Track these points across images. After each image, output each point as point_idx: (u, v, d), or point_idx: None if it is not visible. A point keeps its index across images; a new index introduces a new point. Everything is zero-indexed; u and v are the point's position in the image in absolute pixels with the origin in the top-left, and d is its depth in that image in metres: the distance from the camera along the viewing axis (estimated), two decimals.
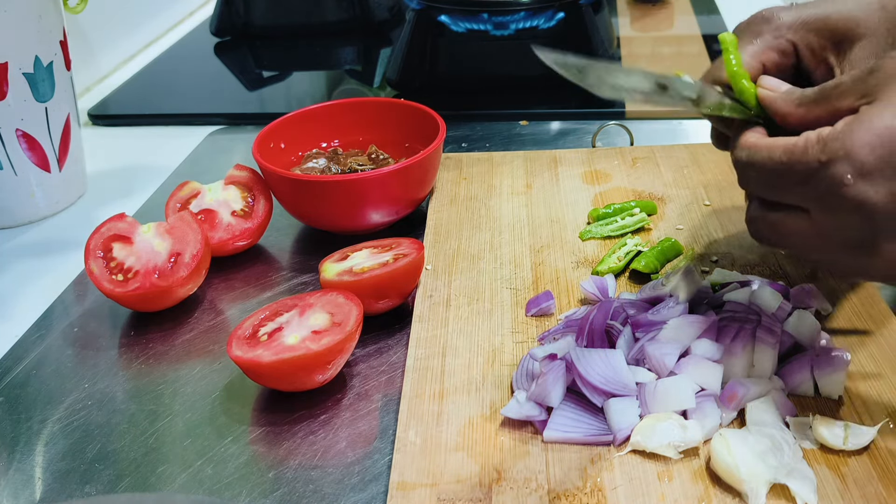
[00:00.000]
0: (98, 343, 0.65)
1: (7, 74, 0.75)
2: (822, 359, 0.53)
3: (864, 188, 0.42)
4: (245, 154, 0.89)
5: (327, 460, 0.53)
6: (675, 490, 0.47)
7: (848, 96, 0.45)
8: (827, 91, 0.47)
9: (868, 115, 0.43)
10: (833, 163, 0.43)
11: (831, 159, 0.43)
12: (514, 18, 1.00)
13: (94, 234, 0.67)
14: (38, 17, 0.77)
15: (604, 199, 0.77)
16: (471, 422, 0.53)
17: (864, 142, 0.42)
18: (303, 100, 1.11)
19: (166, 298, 0.66)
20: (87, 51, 1.15)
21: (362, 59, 1.24)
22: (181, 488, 0.51)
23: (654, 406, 0.51)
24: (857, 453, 0.49)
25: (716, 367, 0.53)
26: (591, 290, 0.63)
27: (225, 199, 0.73)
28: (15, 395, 0.60)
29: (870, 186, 0.42)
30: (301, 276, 0.71)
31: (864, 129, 0.43)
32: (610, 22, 1.14)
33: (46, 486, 0.52)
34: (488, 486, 0.48)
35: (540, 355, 0.55)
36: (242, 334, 0.57)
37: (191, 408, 0.58)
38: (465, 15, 1.00)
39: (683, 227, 0.72)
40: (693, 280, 0.60)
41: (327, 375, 0.57)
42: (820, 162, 0.43)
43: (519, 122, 0.96)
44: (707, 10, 1.30)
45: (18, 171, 0.80)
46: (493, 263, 0.68)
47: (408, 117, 0.80)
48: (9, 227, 0.82)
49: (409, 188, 0.73)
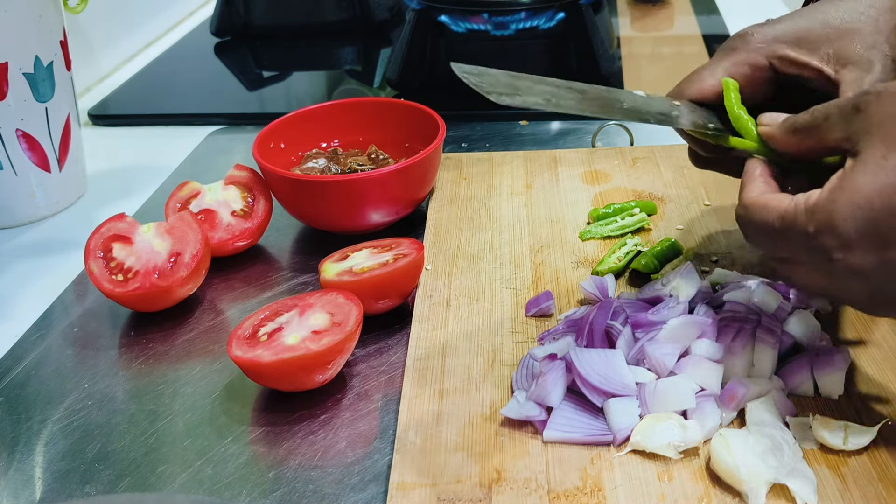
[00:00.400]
0: (98, 343, 0.65)
1: (7, 74, 0.75)
2: (822, 359, 0.53)
3: (852, 259, 0.43)
4: (245, 154, 0.89)
5: (327, 460, 0.53)
6: (675, 490, 0.47)
7: (834, 131, 0.46)
8: (817, 121, 0.47)
9: (849, 181, 0.43)
10: (820, 234, 0.44)
11: (818, 231, 0.44)
12: (514, 18, 1.00)
13: (94, 234, 0.67)
14: (38, 17, 0.77)
15: (604, 199, 0.77)
16: (471, 422, 0.53)
17: (846, 214, 0.43)
18: (303, 100, 1.11)
19: (166, 298, 0.66)
20: (88, 51, 1.15)
21: (362, 59, 1.24)
22: (181, 488, 0.51)
23: (654, 406, 0.51)
24: (857, 453, 0.49)
25: (716, 367, 0.53)
26: (591, 290, 0.63)
27: (225, 199, 0.73)
28: (15, 395, 0.60)
29: (857, 257, 0.43)
30: (301, 276, 0.71)
31: (845, 199, 0.43)
32: (610, 22, 1.14)
33: (46, 486, 0.52)
34: (488, 486, 0.48)
35: (540, 355, 0.55)
36: (242, 334, 0.57)
37: (191, 408, 0.58)
38: (465, 15, 1.00)
39: (683, 227, 0.72)
40: (693, 280, 0.60)
41: (327, 375, 0.57)
42: (808, 233, 0.44)
43: (519, 122, 0.96)
44: (707, 10, 1.30)
45: (18, 171, 0.80)
46: (493, 263, 0.68)
47: (408, 117, 0.80)
48: (9, 227, 0.82)
49: (409, 188, 0.73)
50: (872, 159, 0.43)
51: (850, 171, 0.43)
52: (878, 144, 0.43)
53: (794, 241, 0.45)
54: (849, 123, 0.45)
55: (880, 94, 0.44)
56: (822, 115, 0.46)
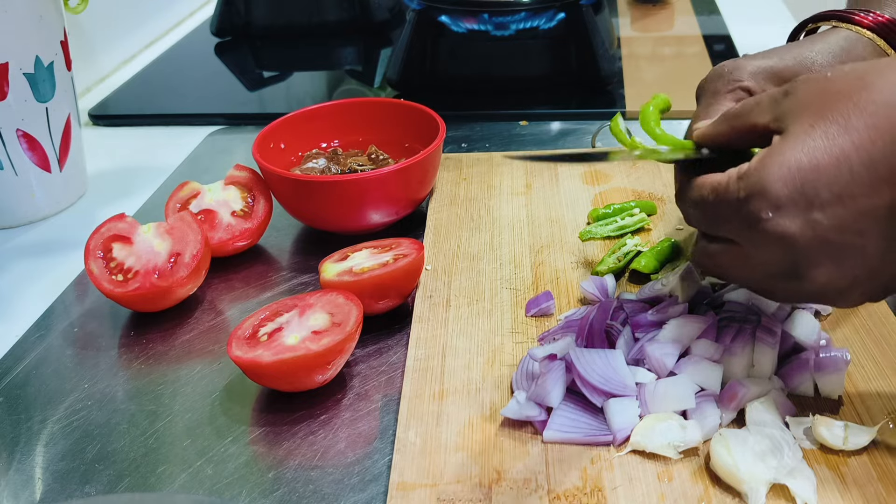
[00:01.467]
0: (98, 343, 0.65)
1: (7, 74, 0.75)
2: (822, 359, 0.53)
3: (781, 221, 0.44)
4: (245, 154, 0.89)
5: (327, 460, 0.53)
6: (674, 490, 0.47)
7: (764, 114, 0.47)
8: (748, 107, 0.49)
9: (780, 149, 0.45)
10: (751, 198, 0.45)
11: (749, 195, 0.45)
12: (514, 19, 1.00)
13: (94, 235, 0.67)
14: (38, 17, 0.77)
15: (604, 199, 0.77)
16: (471, 422, 0.53)
17: (777, 177, 0.44)
18: (303, 100, 1.11)
19: (166, 298, 0.66)
20: (88, 51, 1.15)
21: (362, 59, 1.24)
22: (181, 488, 0.51)
23: (654, 406, 0.51)
24: (857, 453, 0.49)
25: (716, 367, 0.53)
26: (591, 291, 0.63)
27: (225, 200, 0.73)
28: (15, 395, 0.60)
29: (786, 219, 0.44)
30: (301, 276, 0.71)
31: (776, 164, 0.44)
32: (610, 22, 1.14)
33: (46, 486, 0.52)
34: (488, 487, 0.48)
35: (540, 355, 0.55)
36: (242, 334, 0.57)
37: (191, 408, 0.58)
38: (465, 15, 1.00)
39: (683, 227, 0.72)
40: (693, 280, 0.60)
41: (327, 375, 0.57)
42: (739, 199, 0.45)
43: (519, 123, 0.96)
44: (707, 10, 1.30)
45: (19, 171, 0.80)
46: (493, 264, 0.68)
47: (408, 117, 0.80)
48: (9, 227, 0.82)
49: (409, 188, 0.73)
50: (800, 129, 0.44)
51: (779, 143, 0.45)
52: (805, 118, 0.45)
53: (726, 208, 0.47)
54: (777, 105, 0.47)
55: (808, 79, 0.46)
56: (754, 102, 0.49)
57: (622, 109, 0.96)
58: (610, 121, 0.57)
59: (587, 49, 1.00)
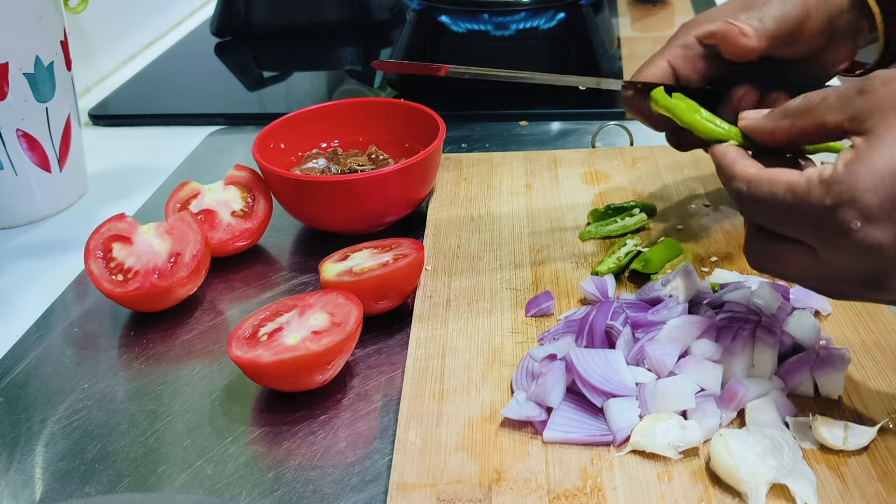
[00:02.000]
0: (98, 343, 0.65)
1: (8, 74, 0.75)
2: (822, 359, 0.53)
3: (871, 232, 0.43)
4: (245, 154, 0.89)
5: (327, 460, 0.53)
6: (674, 490, 0.47)
7: (835, 113, 0.46)
8: (813, 104, 0.47)
9: (868, 155, 0.43)
10: (839, 207, 0.43)
11: (837, 204, 0.43)
12: (514, 19, 1.00)
13: (94, 235, 0.67)
14: (38, 17, 0.77)
15: (604, 199, 0.77)
16: (471, 422, 0.53)
17: (868, 186, 0.42)
18: (303, 100, 1.11)
19: (166, 298, 0.66)
20: (88, 51, 1.15)
21: (362, 59, 1.24)
22: (181, 488, 0.51)
23: (654, 406, 0.51)
24: (857, 453, 0.49)
25: (716, 367, 0.53)
26: (591, 291, 0.63)
27: (225, 200, 0.73)
28: (15, 395, 0.60)
29: (877, 230, 0.42)
30: (301, 276, 0.71)
31: (866, 172, 0.42)
32: (610, 22, 1.14)
33: (46, 486, 0.52)
34: (488, 487, 0.48)
35: (540, 356, 0.55)
36: (242, 334, 0.57)
37: (191, 408, 0.58)
38: (465, 15, 1.00)
39: (683, 227, 0.72)
40: (693, 280, 0.60)
41: (327, 375, 0.57)
42: (825, 206, 0.43)
43: (519, 123, 0.96)
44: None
45: (19, 171, 0.80)
46: (493, 264, 0.68)
47: (408, 117, 0.80)
48: (9, 227, 0.82)
49: (409, 188, 0.73)
50: (889, 135, 0.43)
51: (866, 146, 0.43)
52: (891, 120, 0.43)
53: (807, 214, 0.44)
54: (851, 104, 0.45)
55: (885, 76, 0.44)
56: (819, 98, 0.47)
57: (621, 109, 0.96)
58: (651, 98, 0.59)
59: (587, 49, 1.00)
